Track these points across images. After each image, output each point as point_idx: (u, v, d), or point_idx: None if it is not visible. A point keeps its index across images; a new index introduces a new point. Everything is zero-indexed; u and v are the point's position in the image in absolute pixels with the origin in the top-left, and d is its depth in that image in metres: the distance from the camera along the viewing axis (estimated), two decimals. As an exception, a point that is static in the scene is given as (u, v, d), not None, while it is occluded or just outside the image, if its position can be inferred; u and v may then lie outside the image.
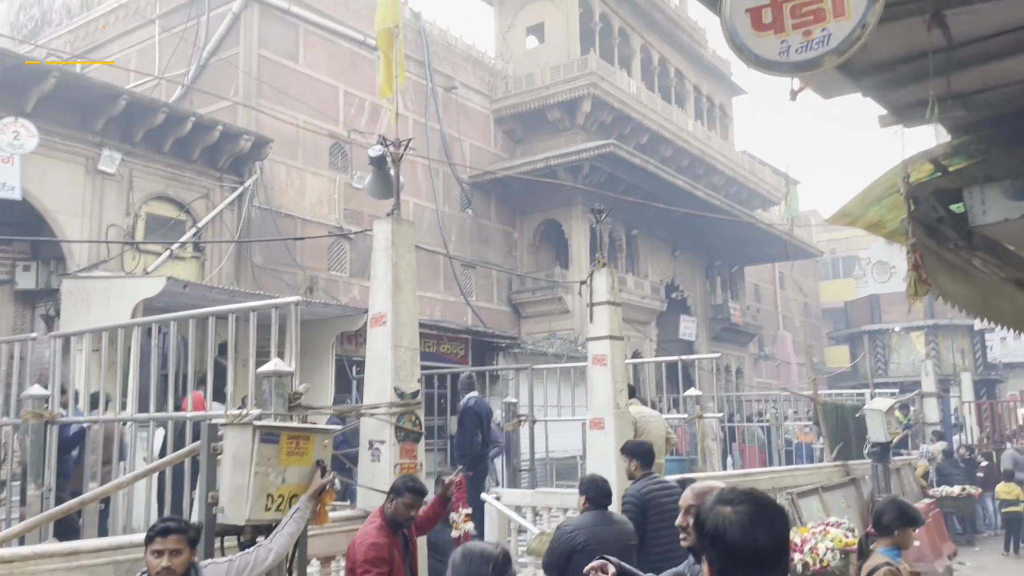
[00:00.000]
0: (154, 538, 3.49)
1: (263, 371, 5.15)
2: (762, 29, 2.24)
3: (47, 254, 12.48)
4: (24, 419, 6.87)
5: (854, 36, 2.14)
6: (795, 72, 2.26)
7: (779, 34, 2.22)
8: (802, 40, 2.18)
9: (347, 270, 17.35)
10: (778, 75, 2.27)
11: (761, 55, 2.27)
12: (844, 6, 2.14)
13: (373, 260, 6.19)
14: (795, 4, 2.20)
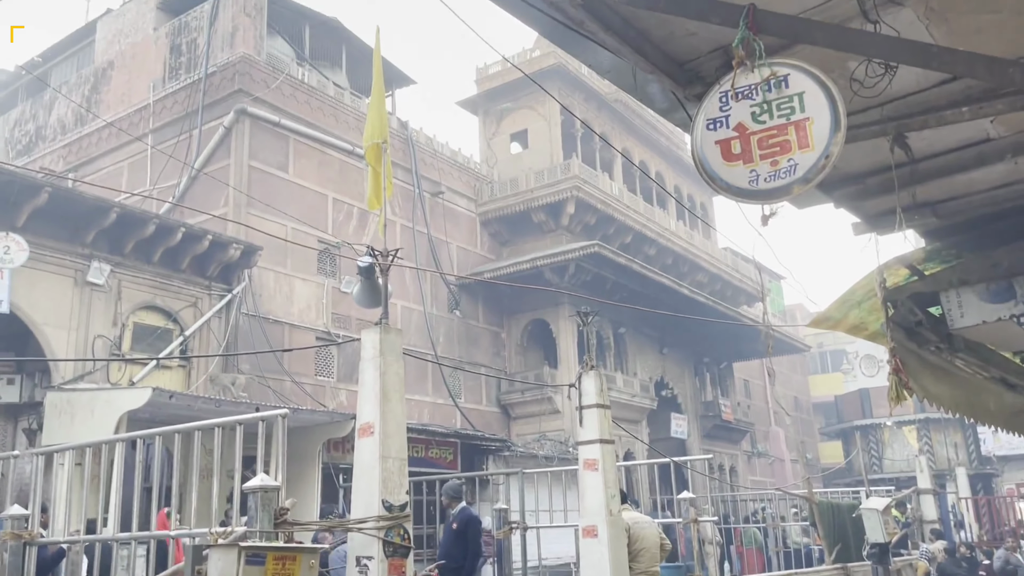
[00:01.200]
0: None
1: (249, 487, 5.05)
2: (732, 160, 2.36)
3: (32, 367, 12.38)
4: (3, 539, 6.67)
5: (819, 165, 2.26)
6: (765, 200, 2.37)
7: (748, 164, 2.33)
8: (770, 170, 2.30)
9: (334, 375, 17.26)
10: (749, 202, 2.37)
11: (732, 183, 2.38)
12: (808, 139, 2.26)
13: (360, 369, 6.17)
14: (761, 137, 2.33)
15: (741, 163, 2.33)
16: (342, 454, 14.60)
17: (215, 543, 4.18)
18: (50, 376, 12.05)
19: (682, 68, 2.98)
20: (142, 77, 18.73)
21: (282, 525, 5.09)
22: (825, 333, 40.89)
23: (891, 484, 19.96)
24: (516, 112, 24.53)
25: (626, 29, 2.68)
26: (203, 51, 17.55)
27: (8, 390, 12.29)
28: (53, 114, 20.64)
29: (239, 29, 17.33)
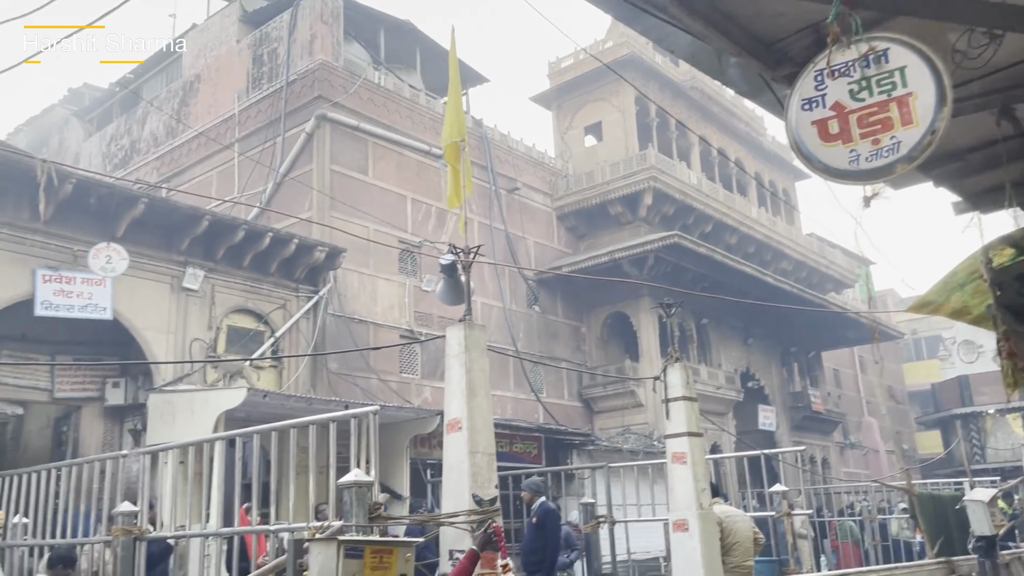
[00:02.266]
0: None
1: (344, 482, 5.18)
2: (829, 140, 2.28)
3: (135, 370, 12.99)
4: (114, 536, 7.03)
5: (924, 142, 2.16)
6: (866, 180, 2.28)
7: (847, 144, 2.25)
8: (871, 149, 2.20)
9: (419, 372, 17.53)
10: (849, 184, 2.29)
11: (831, 164, 2.29)
12: (911, 115, 2.16)
13: (447, 366, 6.27)
14: (861, 115, 2.24)
15: (840, 143, 2.25)
16: (429, 450, 14.81)
17: (314, 537, 4.30)
18: (152, 379, 12.61)
19: (769, 49, 2.90)
20: (227, 88, 19.40)
21: (377, 519, 5.20)
22: (919, 319, 39.26)
23: (995, 474, 19.03)
24: (590, 105, 24.38)
25: (711, 12, 2.63)
26: (283, 60, 18.06)
27: (114, 393, 12.94)
28: (146, 128, 21.58)
29: (317, 37, 17.76)
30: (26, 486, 8.75)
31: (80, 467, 8.32)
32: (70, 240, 11.86)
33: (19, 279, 11.29)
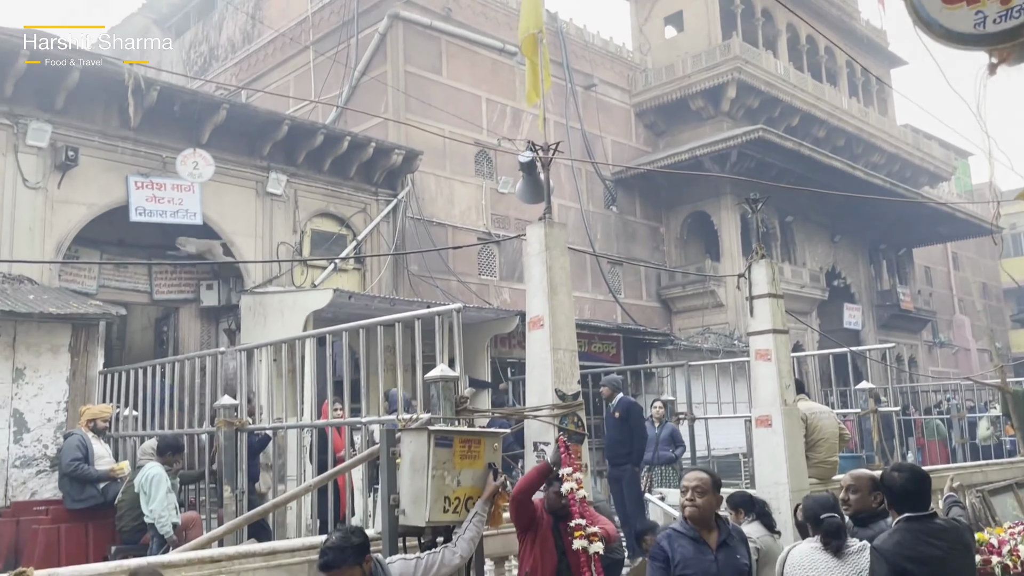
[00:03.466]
0: (321, 570, 3.52)
1: (431, 376, 5.33)
2: (953, 1, 2.07)
3: (227, 273, 13.51)
4: (218, 427, 7.47)
5: (1062, 1, 1.94)
6: (992, 44, 2.08)
7: (973, 5, 2.04)
8: (1000, 9, 2.00)
9: (497, 274, 17.68)
10: (972, 49, 2.09)
11: (953, 28, 2.10)
12: (1050, -31, 1.94)
13: (527, 264, 6.28)
14: (992, -29, 2.02)
15: (965, 4, 2.05)
16: (508, 349, 15.10)
17: (405, 428, 4.46)
18: (243, 282, 13.11)
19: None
20: (299, -10, 19.23)
21: (463, 412, 5.36)
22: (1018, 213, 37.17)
23: (1097, 374, 18.22)
24: (670, -8, 23.22)
25: None
26: (353, -42, 17.70)
27: (208, 295, 13.54)
28: (223, 34, 21.70)
29: (386, -68, 17.29)
30: (133, 381, 9.35)
31: (182, 364, 8.82)
32: (158, 147, 12.20)
33: (113, 186, 11.73)
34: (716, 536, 3.78)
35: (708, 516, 3.79)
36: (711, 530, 3.79)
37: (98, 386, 9.90)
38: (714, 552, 3.74)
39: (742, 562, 3.80)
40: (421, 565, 3.86)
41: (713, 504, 3.81)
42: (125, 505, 7.44)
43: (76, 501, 7.92)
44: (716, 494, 3.82)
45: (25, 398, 9.33)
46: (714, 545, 3.75)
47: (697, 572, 3.67)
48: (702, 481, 3.80)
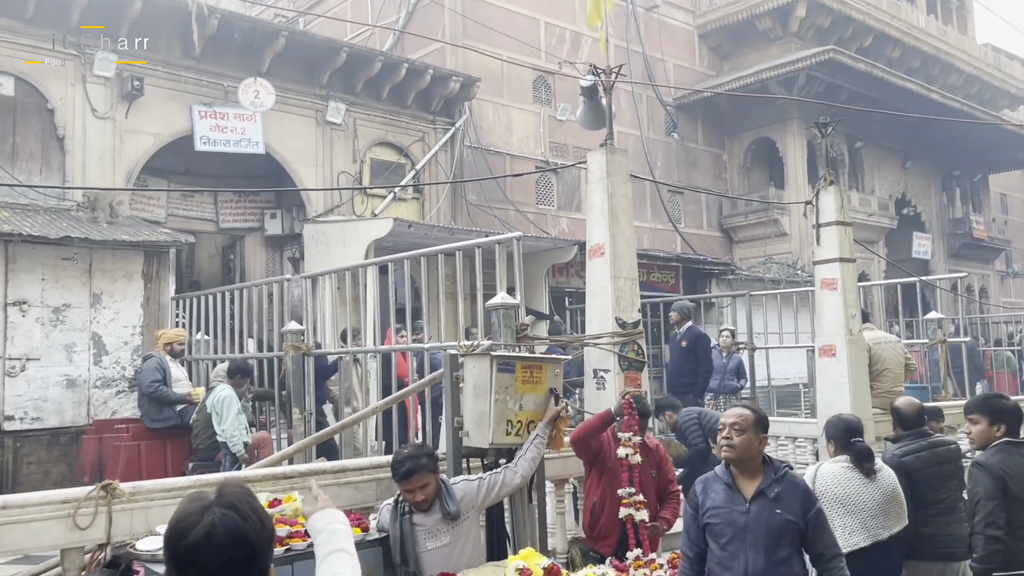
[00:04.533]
0: (401, 480, 3.78)
1: (492, 304, 5.38)
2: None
3: (289, 202, 13.72)
4: (286, 352, 7.71)
5: None
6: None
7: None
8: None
9: (554, 203, 17.56)
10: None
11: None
12: None
13: (588, 192, 6.22)
14: None
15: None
16: (567, 278, 15.10)
17: (468, 353, 4.53)
18: (305, 211, 13.30)
19: None
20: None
21: (523, 339, 5.41)
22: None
23: None
24: (737, -95, 22.06)
25: None
26: None
27: (272, 223, 13.80)
28: (278, -39, 21.49)
29: None
30: (204, 307, 9.66)
31: (250, 290, 9.07)
32: (220, 76, 12.29)
33: (178, 115, 11.91)
34: (757, 484, 3.28)
35: (748, 459, 3.30)
36: (752, 476, 3.30)
37: (170, 311, 10.28)
38: (747, 502, 3.25)
39: (782, 517, 3.20)
40: (484, 485, 3.97)
41: (754, 445, 3.30)
42: (199, 424, 7.81)
43: (154, 421, 8.34)
44: (760, 433, 3.34)
45: (103, 322, 9.75)
46: (749, 494, 3.26)
47: (723, 523, 3.26)
48: (742, 418, 3.33)
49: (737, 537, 3.19)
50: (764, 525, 3.17)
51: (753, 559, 3.15)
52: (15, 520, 3.53)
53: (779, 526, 3.17)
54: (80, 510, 3.63)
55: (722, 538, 3.24)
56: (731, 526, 3.22)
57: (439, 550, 3.75)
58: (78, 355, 9.52)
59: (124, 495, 3.75)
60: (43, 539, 3.63)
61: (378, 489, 4.51)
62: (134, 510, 3.80)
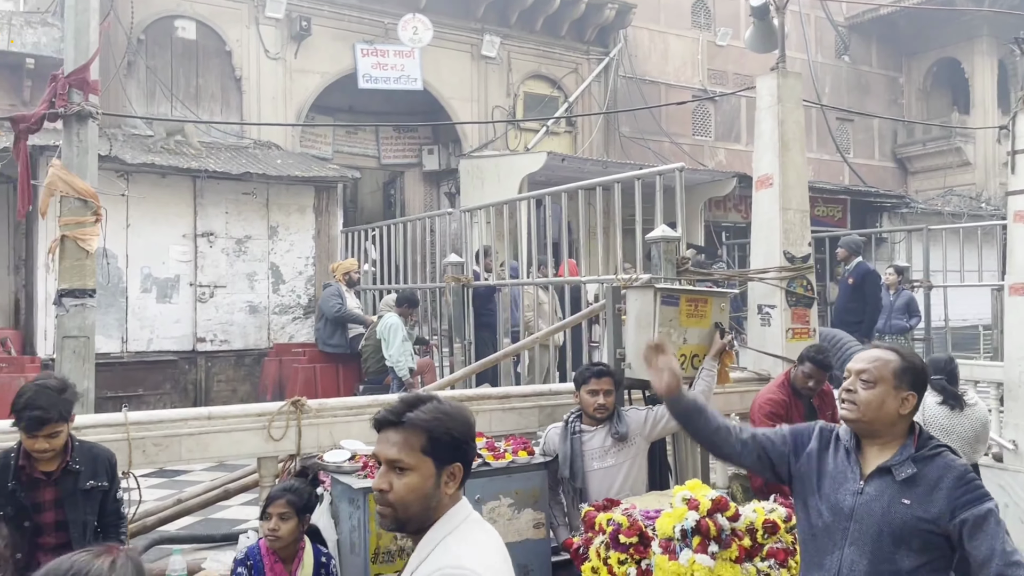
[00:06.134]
0: (590, 379, 3.94)
1: (652, 237, 5.29)
2: None
3: (446, 137, 13.99)
4: (446, 283, 7.98)
5: None
6: None
7: None
8: None
9: (712, 134, 16.92)
10: None
11: None
12: None
13: (757, 119, 5.94)
14: None
15: None
16: (723, 212, 14.63)
17: (629, 285, 4.50)
18: (461, 146, 13.53)
19: None
20: None
21: (684, 273, 5.31)
22: None
23: None
24: None
25: None
26: None
27: (429, 159, 14.15)
28: None
29: None
30: (369, 239, 10.13)
31: (414, 223, 9.41)
32: (381, 14, 12.56)
33: (342, 54, 12.33)
34: (885, 457, 2.23)
35: (878, 426, 2.24)
36: (884, 447, 2.25)
37: (339, 243, 10.85)
38: (862, 479, 2.23)
39: (910, 512, 2.14)
40: (651, 416, 3.99)
41: (889, 405, 2.22)
42: (369, 350, 8.27)
43: (327, 345, 8.92)
44: (903, 390, 2.23)
45: (279, 253, 10.43)
46: (868, 468, 2.24)
47: (819, 497, 2.30)
48: (876, 365, 2.26)
49: (836, 526, 2.23)
50: (877, 517, 2.17)
51: (852, 562, 2.19)
52: (219, 429, 3.90)
53: (900, 523, 2.14)
54: (273, 423, 3.96)
55: (815, 522, 2.29)
56: (831, 509, 2.25)
57: (604, 471, 3.88)
58: (259, 283, 10.27)
59: (311, 411, 4.05)
60: (242, 448, 4.00)
61: (541, 415, 4.63)
62: (320, 425, 4.10)
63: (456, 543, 1.65)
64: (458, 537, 1.66)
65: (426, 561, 1.62)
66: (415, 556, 1.66)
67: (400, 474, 1.65)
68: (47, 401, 2.91)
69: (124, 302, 9.36)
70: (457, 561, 1.60)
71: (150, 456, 3.61)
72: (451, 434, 1.68)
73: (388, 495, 1.64)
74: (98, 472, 3.17)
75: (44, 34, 9.78)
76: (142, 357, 9.38)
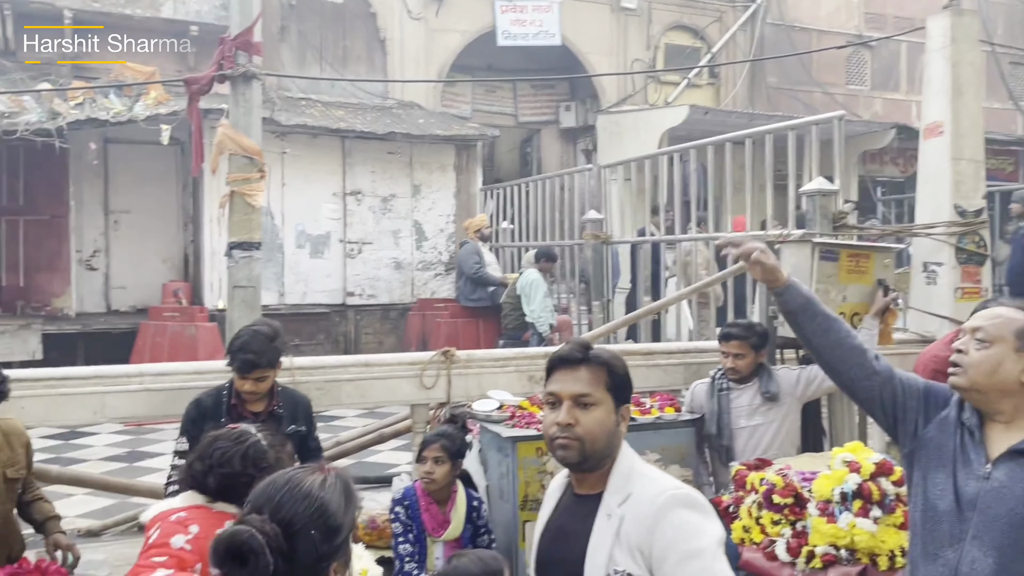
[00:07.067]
0: (720, 340, 3.91)
1: (807, 189, 5.05)
2: None
3: (583, 94, 13.83)
4: (585, 240, 7.95)
5: None
6: None
7: None
8: None
9: (868, 83, 15.86)
10: None
11: None
12: None
13: (926, 62, 5.52)
14: None
15: None
16: (879, 166, 13.81)
17: (784, 241, 4.33)
18: (599, 102, 13.34)
19: None
20: None
21: (841, 228, 5.04)
22: None
23: None
24: None
25: None
26: None
27: (566, 116, 14.05)
28: None
29: None
30: (506, 197, 10.22)
31: (552, 180, 9.41)
32: (519, -32, 12.49)
33: (481, 12, 12.37)
34: (1013, 437, 1.87)
35: (988, 389, 1.89)
36: (1008, 423, 1.90)
37: (478, 201, 11.02)
38: (989, 463, 1.88)
39: None
40: (803, 376, 3.86)
41: (1008, 370, 1.87)
42: (509, 306, 8.40)
43: (469, 300, 9.13)
44: None
45: (422, 211, 10.72)
46: (997, 452, 1.88)
47: (947, 474, 1.93)
48: (995, 323, 1.92)
49: (955, 516, 1.88)
50: (1008, 508, 1.81)
51: (973, 559, 1.84)
52: (375, 376, 4.08)
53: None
54: (426, 371, 4.10)
55: (936, 503, 1.93)
56: (948, 495, 1.91)
57: (751, 429, 3.81)
58: (403, 240, 10.61)
59: (461, 361, 4.17)
60: (396, 394, 4.17)
61: (686, 373, 4.56)
62: (468, 375, 4.21)
63: (656, 473, 1.72)
64: (650, 469, 1.73)
65: (637, 490, 1.65)
66: (612, 492, 1.68)
67: (586, 409, 1.68)
68: (259, 346, 3.09)
69: (281, 257, 9.92)
70: (675, 483, 1.67)
71: (313, 399, 3.82)
72: (627, 373, 1.74)
73: (576, 428, 1.67)
74: (298, 417, 3.34)
75: (206, 1, 10.34)
76: (297, 309, 9.95)
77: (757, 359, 3.85)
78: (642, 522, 1.60)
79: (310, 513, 1.28)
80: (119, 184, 10.51)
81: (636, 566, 1.59)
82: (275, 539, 1.22)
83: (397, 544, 3.28)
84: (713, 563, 1.57)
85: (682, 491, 1.64)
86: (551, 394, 1.74)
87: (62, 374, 3.78)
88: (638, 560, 1.59)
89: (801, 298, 2.13)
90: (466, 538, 3.39)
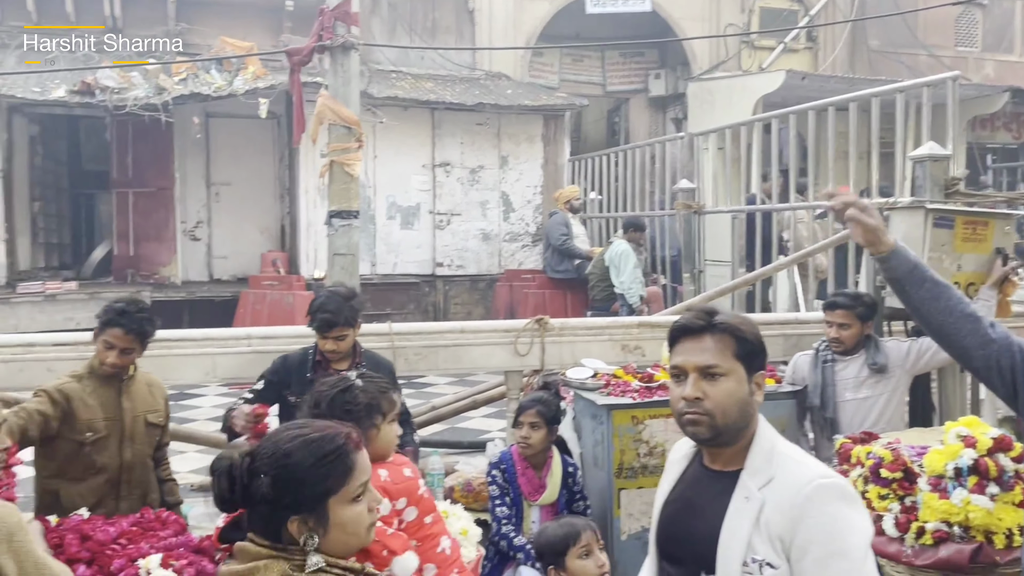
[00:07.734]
0: (824, 310, 3.86)
1: (916, 155, 4.81)
2: None
3: (673, 61, 13.51)
4: (677, 209, 7.82)
5: None
6: None
7: None
8: None
9: (979, 44, 14.97)
10: None
11: None
12: None
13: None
14: None
15: None
16: (990, 132, 13.08)
17: (894, 207, 4.15)
18: (690, 69, 13.02)
19: None
20: None
21: (954, 195, 4.79)
22: None
23: None
24: None
25: None
26: None
27: (655, 84, 13.76)
28: None
29: None
30: (594, 168, 10.11)
31: (643, 150, 9.27)
32: (608, -65, 12.24)
33: (572, -21, 12.21)
34: None
35: None
36: None
37: (566, 172, 10.95)
38: None
39: None
40: (913, 348, 3.71)
41: None
42: (596, 277, 8.34)
43: (555, 272, 9.12)
44: None
45: (509, 182, 10.73)
46: None
47: None
48: None
49: None
50: None
51: None
52: (471, 343, 4.13)
53: None
54: (520, 339, 4.12)
55: None
56: None
57: (858, 402, 3.70)
58: (490, 211, 10.65)
59: (554, 329, 4.17)
60: (491, 360, 4.21)
61: (785, 345, 4.44)
62: (562, 343, 4.22)
63: (800, 455, 1.60)
64: (794, 449, 1.61)
65: (781, 474, 1.54)
66: (751, 472, 1.56)
67: (713, 381, 1.57)
68: (335, 306, 3.23)
69: (373, 228, 10.12)
70: (823, 470, 1.55)
71: (411, 364, 3.90)
72: (758, 338, 1.62)
73: (704, 402, 1.57)
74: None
75: (301, -22, 10.54)
76: (389, 279, 10.14)
77: (863, 330, 3.73)
78: (786, 511, 1.49)
79: (268, 456, 1.38)
80: (220, 157, 10.89)
81: (776, 555, 1.49)
82: (240, 471, 1.37)
83: (495, 506, 3.33)
84: (862, 565, 1.46)
85: (832, 480, 1.52)
86: (675, 367, 1.63)
87: (178, 335, 3.96)
88: (778, 550, 1.49)
89: (908, 264, 2.00)
90: (562, 503, 3.42)
